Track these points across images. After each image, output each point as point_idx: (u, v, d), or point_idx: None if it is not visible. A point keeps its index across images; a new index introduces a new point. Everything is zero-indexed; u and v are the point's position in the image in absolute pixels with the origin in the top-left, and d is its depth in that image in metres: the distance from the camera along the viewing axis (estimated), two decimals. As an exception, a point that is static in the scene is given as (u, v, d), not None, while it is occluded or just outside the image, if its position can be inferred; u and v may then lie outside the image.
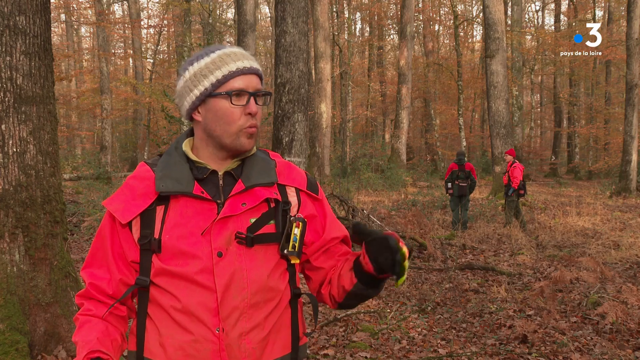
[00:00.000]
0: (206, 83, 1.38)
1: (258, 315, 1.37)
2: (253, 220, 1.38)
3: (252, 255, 1.37)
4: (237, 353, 1.34)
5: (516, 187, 10.38)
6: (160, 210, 1.38)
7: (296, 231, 1.38)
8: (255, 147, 1.49)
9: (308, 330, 4.69)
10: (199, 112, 1.42)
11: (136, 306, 1.44)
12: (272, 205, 1.42)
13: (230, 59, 1.39)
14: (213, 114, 1.39)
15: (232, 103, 1.37)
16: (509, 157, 10.64)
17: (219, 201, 1.39)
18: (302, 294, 1.50)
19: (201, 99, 1.40)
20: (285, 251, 1.39)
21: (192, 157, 1.43)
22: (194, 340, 1.33)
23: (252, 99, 1.38)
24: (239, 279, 1.35)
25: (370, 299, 5.71)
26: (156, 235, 1.37)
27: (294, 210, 1.45)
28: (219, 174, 1.42)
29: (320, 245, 1.49)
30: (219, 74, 1.38)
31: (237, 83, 1.37)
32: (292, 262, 1.43)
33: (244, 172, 1.42)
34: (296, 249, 1.38)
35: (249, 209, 1.38)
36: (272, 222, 1.41)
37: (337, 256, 1.51)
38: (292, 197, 1.46)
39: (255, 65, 1.42)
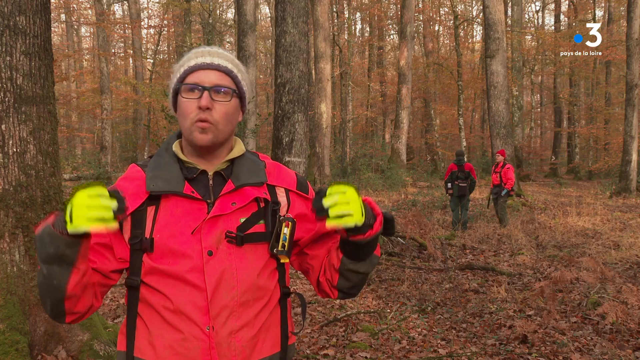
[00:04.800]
0: (174, 80, 1.43)
1: (248, 314, 1.38)
2: (243, 219, 1.40)
3: (241, 255, 1.38)
4: (226, 351, 1.35)
5: (510, 188, 10.43)
6: (151, 210, 1.39)
7: (286, 230, 1.39)
8: (243, 148, 1.50)
9: (297, 330, 4.70)
10: (176, 111, 1.47)
11: (126, 306, 1.44)
12: (262, 205, 1.44)
13: (194, 55, 1.43)
14: (178, 110, 1.43)
15: (183, 96, 1.39)
16: (500, 158, 10.73)
17: (209, 201, 1.40)
18: (292, 293, 1.51)
19: (173, 96, 1.45)
20: (275, 250, 1.39)
21: (182, 157, 1.44)
22: (183, 339, 1.34)
23: (205, 93, 1.38)
24: (229, 277, 1.36)
25: (370, 299, 5.72)
26: (147, 235, 1.37)
27: (283, 210, 1.46)
28: (209, 174, 1.44)
29: (313, 235, 1.50)
30: (181, 70, 1.42)
31: (192, 78, 1.40)
32: (282, 261, 1.44)
33: (234, 172, 1.44)
34: (286, 248, 1.39)
35: (238, 208, 1.40)
36: (261, 221, 1.42)
37: (330, 242, 1.52)
38: (282, 197, 1.48)
39: (219, 61, 1.42)
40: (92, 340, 3.43)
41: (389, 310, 5.35)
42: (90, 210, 1.14)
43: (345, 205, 1.26)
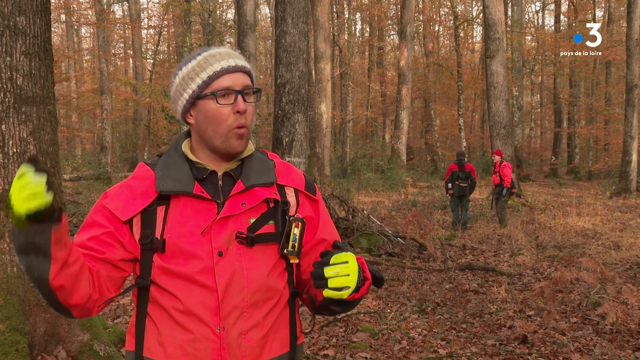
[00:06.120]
0: (193, 86, 1.39)
1: (257, 315, 1.38)
2: (252, 220, 1.39)
3: (251, 255, 1.38)
4: (237, 351, 1.35)
5: (509, 186, 10.46)
6: (161, 210, 1.39)
7: (295, 231, 1.39)
8: (253, 148, 1.49)
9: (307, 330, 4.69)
10: (191, 115, 1.43)
11: (135, 306, 1.44)
12: (272, 205, 1.43)
13: (215, 59, 1.40)
14: (203, 116, 1.39)
15: (218, 102, 1.37)
16: (497, 158, 10.79)
17: (218, 201, 1.39)
18: (300, 293, 1.51)
19: (191, 102, 1.41)
20: (285, 251, 1.39)
21: (192, 157, 1.43)
22: (193, 339, 1.34)
23: (239, 96, 1.38)
24: (239, 278, 1.36)
25: (370, 300, 5.71)
26: (158, 235, 1.37)
27: (292, 210, 1.46)
28: (219, 174, 1.43)
29: (309, 247, 1.49)
30: (204, 75, 1.38)
31: (223, 82, 1.38)
32: (292, 261, 1.44)
33: (244, 173, 1.43)
34: (295, 249, 1.39)
35: (248, 209, 1.39)
36: (271, 222, 1.42)
37: None
38: (291, 197, 1.47)
39: (242, 63, 1.42)
40: (92, 340, 3.43)
41: (389, 311, 5.34)
42: (21, 192, 1.11)
43: (345, 279, 1.28)
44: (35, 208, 1.12)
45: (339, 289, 1.27)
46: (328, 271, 1.27)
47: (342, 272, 1.27)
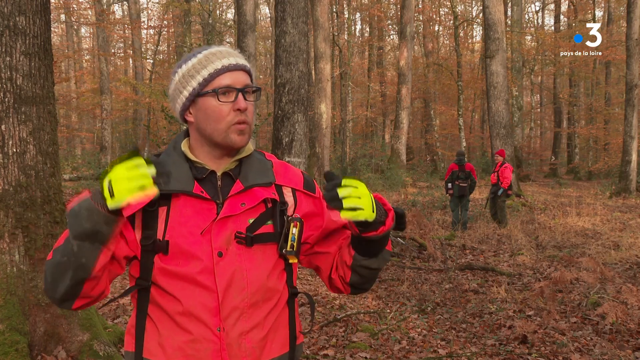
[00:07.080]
0: (194, 83, 1.40)
1: (257, 315, 1.38)
2: (251, 220, 1.40)
3: (251, 255, 1.38)
4: (237, 352, 1.35)
5: (506, 187, 10.46)
6: (162, 211, 1.38)
7: (294, 231, 1.40)
8: (252, 147, 1.49)
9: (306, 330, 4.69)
10: (190, 113, 1.43)
11: (135, 307, 1.44)
12: (270, 205, 1.43)
13: (215, 57, 1.40)
14: (203, 113, 1.40)
15: (219, 100, 1.37)
16: (499, 158, 10.78)
17: (218, 201, 1.39)
18: (299, 293, 1.52)
19: (190, 100, 1.41)
20: (284, 251, 1.40)
21: (191, 157, 1.43)
22: (192, 340, 1.34)
23: (240, 94, 1.38)
24: (239, 278, 1.36)
25: (370, 299, 5.71)
26: (160, 236, 1.37)
27: (290, 210, 1.46)
28: (217, 174, 1.43)
29: (321, 233, 1.50)
30: (205, 73, 1.39)
31: (224, 80, 1.38)
32: (291, 261, 1.45)
33: (242, 173, 1.43)
34: (294, 249, 1.40)
35: (248, 209, 1.39)
36: (270, 222, 1.42)
37: (341, 239, 1.52)
38: (289, 197, 1.48)
39: (242, 61, 1.42)
40: (92, 340, 3.43)
41: (388, 311, 5.35)
42: (130, 181, 1.16)
43: (357, 200, 1.27)
44: (135, 198, 1.16)
45: (354, 209, 1.26)
46: (342, 191, 1.26)
47: (354, 194, 1.27)
